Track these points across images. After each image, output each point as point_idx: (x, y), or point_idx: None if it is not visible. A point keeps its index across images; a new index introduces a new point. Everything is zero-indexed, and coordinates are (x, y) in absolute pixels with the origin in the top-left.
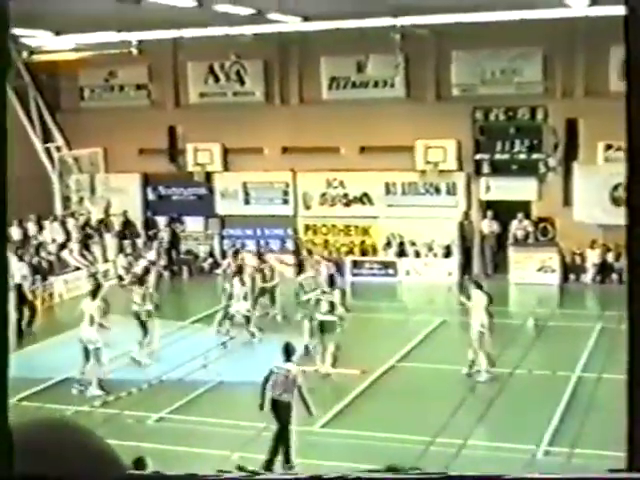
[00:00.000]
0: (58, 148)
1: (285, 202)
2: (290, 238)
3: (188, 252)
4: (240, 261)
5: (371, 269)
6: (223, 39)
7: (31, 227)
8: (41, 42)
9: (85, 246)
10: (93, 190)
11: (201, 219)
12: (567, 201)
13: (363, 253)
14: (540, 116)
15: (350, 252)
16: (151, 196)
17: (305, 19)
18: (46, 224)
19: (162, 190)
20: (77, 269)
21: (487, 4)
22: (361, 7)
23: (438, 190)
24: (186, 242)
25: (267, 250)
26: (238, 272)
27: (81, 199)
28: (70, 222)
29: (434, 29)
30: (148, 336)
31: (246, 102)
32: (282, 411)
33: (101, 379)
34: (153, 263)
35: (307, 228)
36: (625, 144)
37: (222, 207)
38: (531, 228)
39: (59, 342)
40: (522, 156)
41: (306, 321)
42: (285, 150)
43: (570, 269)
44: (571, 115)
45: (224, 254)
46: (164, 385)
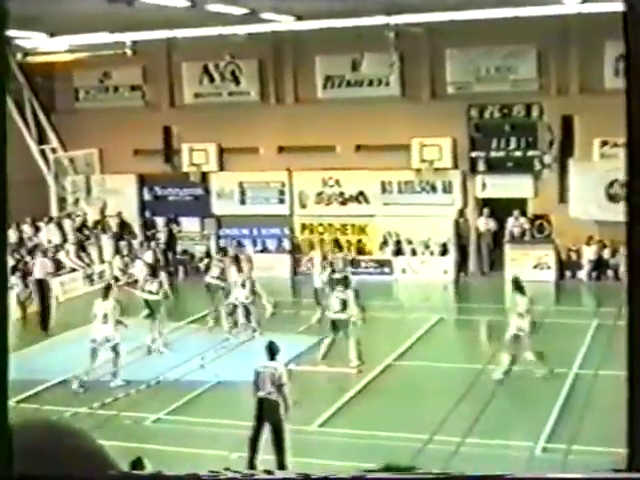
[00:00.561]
0: (53, 149)
1: (281, 201)
2: (287, 237)
3: (184, 252)
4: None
5: (367, 267)
6: (217, 39)
7: (27, 229)
8: (35, 43)
9: (81, 247)
10: (89, 191)
11: (197, 219)
12: (563, 198)
13: (359, 252)
14: (535, 113)
15: (325, 259)
16: (147, 197)
17: (299, 18)
18: (42, 226)
19: (158, 191)
20: (73, 270)
21: (480, 2)
22: (355, 6)
23: (434, 188)
24: (182, 242)
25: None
26: (235, 261)
27: (77, 200)
28: (66, 223)
29: (428, 27)
30: (160, 325)
31: (241, 102)
32: (271, 411)
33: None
34: (157, 260)
35: (304, 227)
36: (625, 140)
37: (218, 207)
38: (527, 225)
39: (56, 344)
40: (518, 153)
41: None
42: (281, 149)
43: (566, 266)
44: (566, 112)
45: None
46: (162, 386)
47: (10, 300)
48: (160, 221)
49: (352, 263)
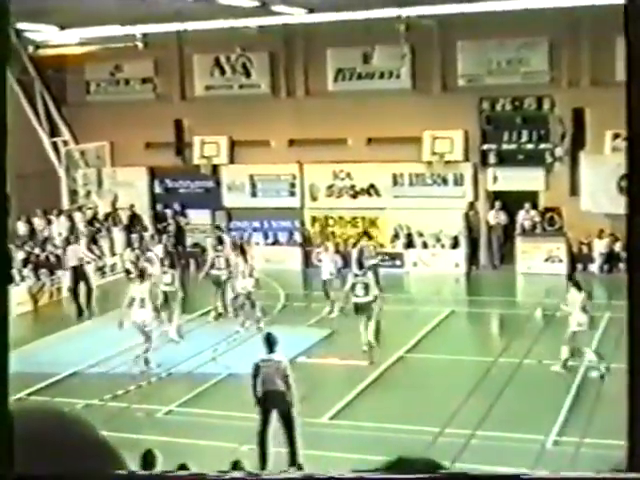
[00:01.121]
0: (65, 142)
1: (292, 194)
2: (297, 230)
3: (195, 245)
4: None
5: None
6: (228, 32)
7: (38, 221)
8: (47, 37)
9: (92, 240)
10: (100, 184)
11: (208, 212)
12: (574, 191)
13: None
14: (547, 106)
15: (355, 245)
16: (158, 189)
17: (310, 11)
18: (53, 218)
19: (169, 183)
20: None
21: None
22: None
23: (445, 181)
24: (193, 235)
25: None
26: (241, 252)
27: (88, 193)
28: (77, 216)
29: (439, 19)
30: (174, 315)
31: (252, 94)
32: (279, 402)
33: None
34: (169, 253)
35: (314, 220)
36: (626, 133)
37: (229, 200)
38: (538, 218)
39: (67, 336)
40: (529, 146)
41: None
42: (292, 142)
43: (577, 259)
44: (578, 105)
45: (234, 247)
46: (173, 378)
47: (22, 293)
48: (169, 214)
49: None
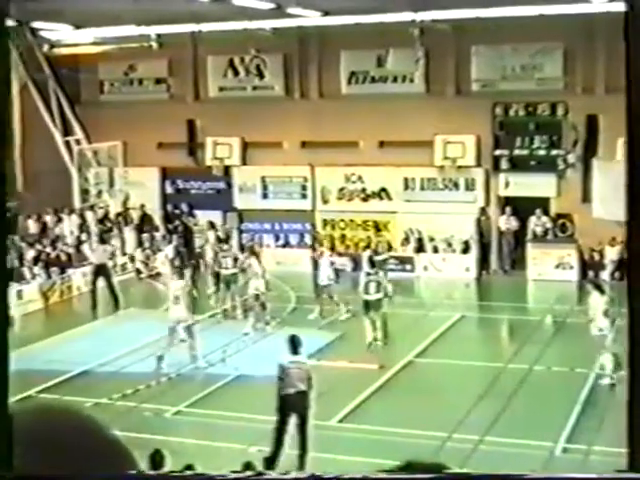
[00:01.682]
0: (78, 141)
1: (303, 197)
2: (308, 233)
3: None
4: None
5: (389, 264)
6: (243, 33)
7: (49, 219)
8: (61, 35)
9: (103, 239)
10: (112, 183)
11: (219, 213)
12: (586, 198)
13: (391, 248)
14: (560, 112)
15: (368, 247)
16: (169, 190)
17: (325, 13)
18: (64, 217)
19: (180, 184)
20: None
21: None
22: (381, 2)
23: (457, 186)
24: (203, 236)
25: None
26: (252, 253)
27: (100, 192)
28: (89, 215)
29: (454, 24)
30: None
31: (265, 96)
32: (299, 404)
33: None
34: (179, 253)
35: (325, 223)
36: (626, 140)
37: (240, 201)
38: (550, 224)
39: (77, 335)
40: (541, 152)
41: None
42: (304, 144)
43: (588, 266)
44: (592, 111)
45: (242, 248)
46: (182, 378)
47: (33, 291)
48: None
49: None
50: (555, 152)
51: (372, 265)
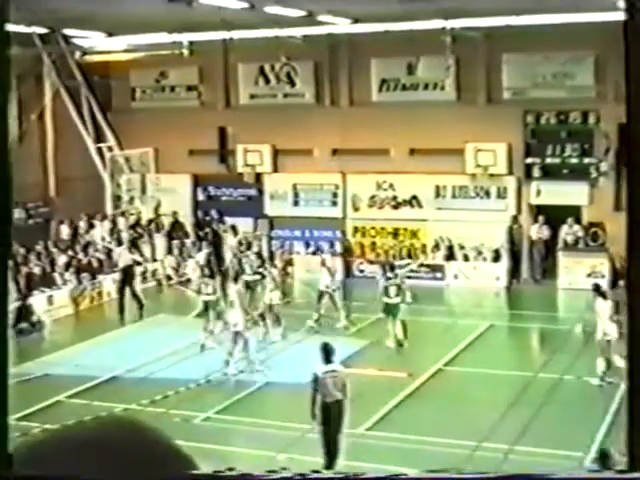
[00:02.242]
0: (110, 148)
1: (334, 204)
2: (339, 240)
3: (241, 252)
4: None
5: (419, 272)
6: (274, 41)
7: (82, 225)
8: (93, 43)
9: (134, 245)
10: (144, 190)
11: (250, 220)
12: (618, 206)
13: (411, 256)
14: (592, 120)
15: (398, 255)
16: (201, 196)
17: (355, 21)
18: (96, 223)
19: (212, 190)
20: None
21: (538, 7)
22: (411, 9)
23: (488, 194)
24: (230, 250)
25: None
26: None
27: (131, 199)
28: (120, 221)
29: (485, 32)
30: (213, 323)
31: (296, 103)
32: (335, 413)
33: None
34: (209, 262)
35: (356, 230)
36: (625, 145)
37: (271, 208)
38: (581, 233)
39: (107, 340)
40: (573, 160)
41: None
42: (335, 152)
43: (620, 275)
44: (623, 119)
45: (272, 255)
46: (211, 385)
47: (64, 296)
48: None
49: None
50: (587, 160)
51: (392, 269)
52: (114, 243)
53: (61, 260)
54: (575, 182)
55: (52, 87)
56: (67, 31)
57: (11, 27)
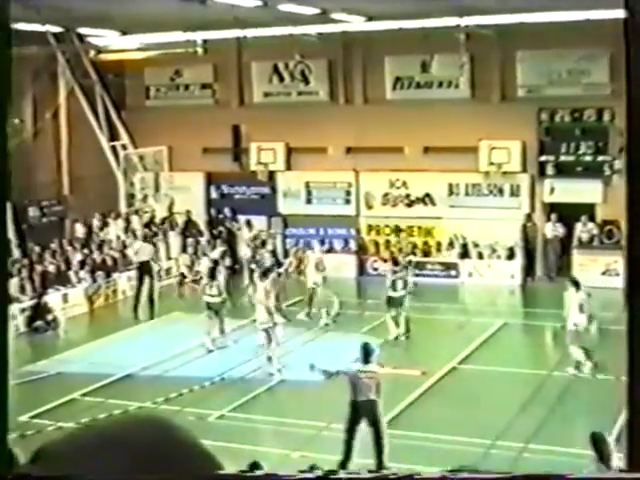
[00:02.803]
0: (124, 146)
1: (347, 202)
2: (353, 238)
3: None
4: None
5: (433, 270)
6: (287, 39)
7: (96, 223)
8: (108, 41)
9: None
10: (157, 188)
11: (264, 218)
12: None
13: (425, 254)
14: (607, 118)
15: (412, 253)
16: (214, 195)
17: (369, 19)
18: (110, 221)
19: (225, 189)
20: None
21: (553, 4)
22: (426, 7)
23: (502, 191)
24: (245, 244)
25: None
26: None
27: (145, 197)
28: (134, 219)
29: (499, 29)
30: (219, 325)
31: (310, 101)
32: (370, 412)
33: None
34: (216, 262)
35: (370, 228)
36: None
37: (285, 206)
38: (596, 231)
39: (121, 338)
40: (587, 158)
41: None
42: (348, 150)
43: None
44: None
45: (286, 253)
46: (225, 383)
47: (78, 294)
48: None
49: (417, 265)
50: (601, 158)
51: (395, 264)
52: (131, 241)
53: (76, 258)
54: (589, 180)
55: (66, 86)
56: (81, 30)
57: (26, 26)
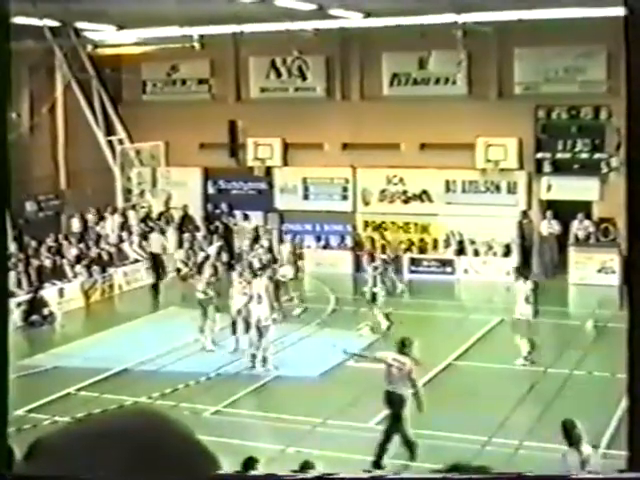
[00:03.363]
0: (120, 141)
1: (344, 198)
2: (349, 234)
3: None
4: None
5: (429, 267)
6: (285, 34)
7: (91, 218)
8: (105, 36)
9: (145, 239)
10: (154, 183)
11: (260, 214)
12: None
13: (421, 250)
14: (603, 115)
15: (408, 249)
16: (211, 190)
17: (367, 15)
18: (107, 216)
19: (222, 184)
20: (136, 261)
21: (550, 1)
22: (423, 3)
23: (498, 188)
24: (244, 236)
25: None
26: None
27: (142, 192)
28: (131, 214)
29: (497, 26)
30: (209, 322)
31: (307, 97)
32: (396, 404)
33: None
34: (207, 257)
35: (366, 224)
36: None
37: (281, 202)
38: (592, 228)
39: (117, 333)
40: (584, 155)
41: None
42: (345, 146)
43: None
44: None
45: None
46: (221, 378)
47: (74, 289)
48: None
49: (413, 262)
50: (598, 156)
51: (372, 260)
52: (127, 236)
53: (72, 253)
54: (586, 177)
55: (63, 80)
56: (78, 24)
57: (23, 20)
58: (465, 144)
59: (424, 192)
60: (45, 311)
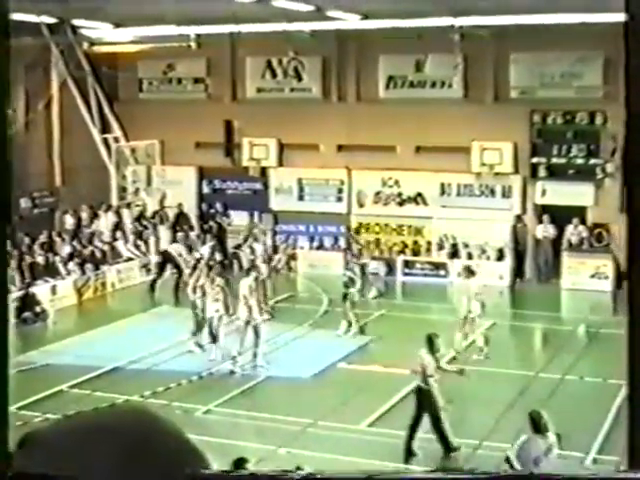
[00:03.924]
0: (116, 139)
1: (339, 199)
2: (343, 236)
3: (239, 246)
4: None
5: (422, 269)
6: (282, 35)
7: (85, 216)
8: (101, 34)
9: (139, 237)
10: (149, 182)
11: (255, 214)
12: (624, 208)
13: (415, 253)
14: (599, 121)
15: (402, 252)
16: (206, 189)
17: (364, 17)
18: (101, 213)
19: (217, 184)
20: (130, 259)
21: (548, 6)
22: (421, 7)
23: (493, 192)
24: (238, 236)
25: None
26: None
27: (137, 190)
28: (125, 212)
29: (494, 30)
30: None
31: (303, 98)
32: (424, 400)
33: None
34: (199, 259)
35: (360, 226)
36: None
37: (276, 202)
38: (586, 234)
39: (110, 331)
40: (579, 161)
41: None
42: (340, 147)
43: (624, 276)
44: None
45: (276, 249)
46: (213, 378)
47: (67, 286)
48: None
49: (406, 264)
50: (593, 161)
51: (346, 262)
52: (120, 234)
53: (65, 250)
54: (581, 183)
55: (59, 77)
56: (75, 21)
57: (19, 16)
58: (460, 147)
59: (419, 195)
60: (37, 308)
